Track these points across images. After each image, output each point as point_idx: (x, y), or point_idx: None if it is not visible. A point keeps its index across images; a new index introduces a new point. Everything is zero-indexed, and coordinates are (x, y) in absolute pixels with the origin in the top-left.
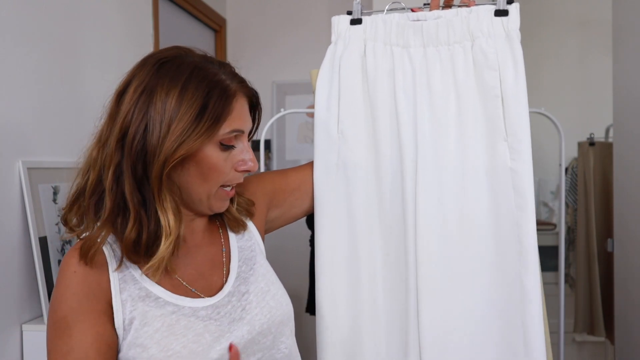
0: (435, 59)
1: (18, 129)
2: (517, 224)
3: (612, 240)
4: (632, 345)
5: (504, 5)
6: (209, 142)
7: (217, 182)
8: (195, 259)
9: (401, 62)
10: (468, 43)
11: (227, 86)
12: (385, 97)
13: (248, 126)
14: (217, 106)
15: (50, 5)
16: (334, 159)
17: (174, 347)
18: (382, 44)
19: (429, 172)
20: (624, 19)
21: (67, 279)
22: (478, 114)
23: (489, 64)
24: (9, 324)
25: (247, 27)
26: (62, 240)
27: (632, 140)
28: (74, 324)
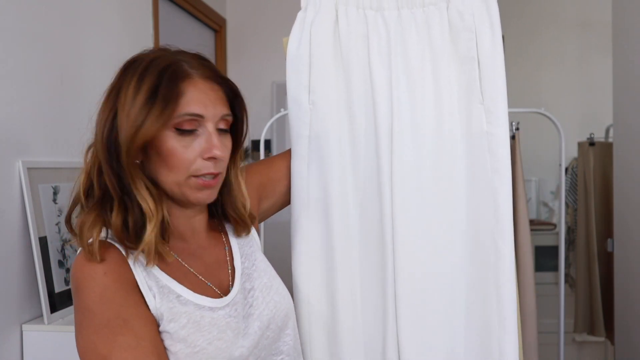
0: (410, 22)
1: (18, 129)
2: (492, 188)
3: (612, 240)
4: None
5: None
6: (165, 128)
7: (182, 171)
8: (203, 259)
9: (375, 26)
10: (443, 4)
11: (181, 70)
12: (359, 63)
13: (212, 112)
14: (167, 89)
15: (50, 5)
16: (306, 132)
17: (200, 343)
18: (355, 8)
19: (406, 137)
20: (624, 20)
21: (101, 283)
22: (453, 77)
23: (465, 26)
24: (9, 324)
25: (247, 27)
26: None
27: (632, 140)
28: (131, 317)
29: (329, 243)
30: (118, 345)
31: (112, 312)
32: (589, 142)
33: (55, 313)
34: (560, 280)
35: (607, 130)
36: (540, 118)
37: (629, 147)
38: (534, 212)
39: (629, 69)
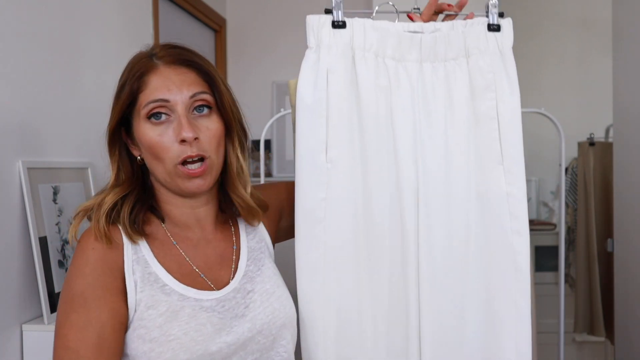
0: (432, 77)
1: (18, 129)
2: (513, 250)
3: (612, 240)
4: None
5: (496, 20)
6: (139, 120)
7: (167, 159)
8: (204, 251)
9: (396, 78)
10: (463, 60)
11: (146, 63)
12: (380, 117)
13: (179, 96)
14: (132, 82)
15: (50, 5)
16: (323, 194)
17: (175, 332)
18: (374, 55)
19: (430, 198)
20: (624, 19)
21: (85, 255)
22: (473, 136)
23: (486, 84)
24: (9, 324)
25: (247, 27)
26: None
27: (632, 140)
28: (92, 299)
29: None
30: (69, 321)
31: (79, 288)
32: (589, 142)
33: (55, 313)
34: (560, 280)
35: (607, 130)
36: (540, 118)
37: (629, 147)
38: (534, 212)
39: (629, 68)
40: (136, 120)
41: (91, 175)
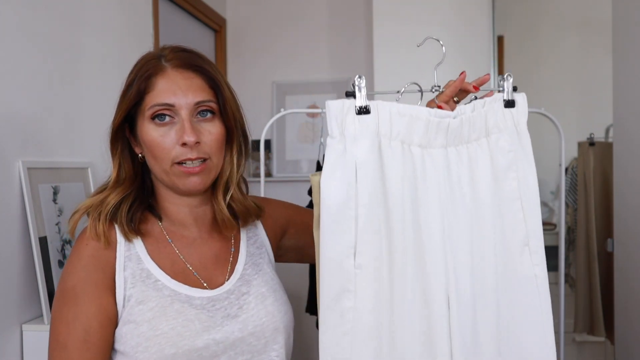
0: (457, 163)
1: (18, 129)
2: (543, 331)
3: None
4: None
5: (511, 95)
6: (143, 120)
7: (164, 158)
8: (200, 250)
9: (423, 168)
10: (484, 140)
11: (155, 64)
12: (407, 214)
13: (184, 100)
14: (139, 82)
15: (50, 5)
16: (350, 303)
17: (162, 327)
18: (400, 143)
19: (460, 295)
20: (624, 19)
21: (79, 252)
22: (499, 220)
23: (507, 164)
24: (9, 324)
25: (247, 27)
26: (62, 241)
27: (632, 140)
28: (81, 293)
29: None
30: (61, 315)
31: (71, 283)
32: (589, 142)
33: None
34: (560, 280)
35: (607, 130)
36: (540, 118)
37: (629, 147)
38: None
39: (629, 68)
40: (140, 119)
41: (91, 175)
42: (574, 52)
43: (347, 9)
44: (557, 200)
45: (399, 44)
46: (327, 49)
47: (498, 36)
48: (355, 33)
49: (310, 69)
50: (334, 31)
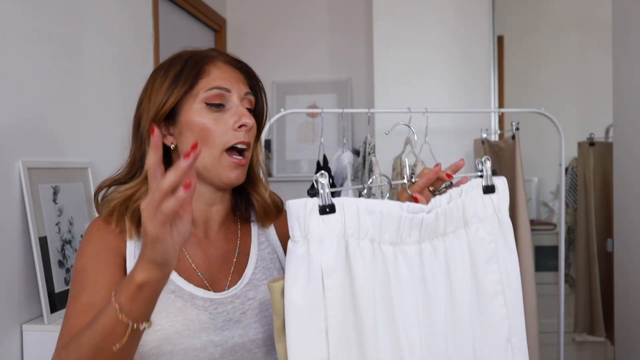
0: (431, 259)
1: (18, 129)
2: None
3: (612, 240)
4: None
5: (491, 180)
6: (194, 103)
7: (216, 144)
8: (207, 250)
9: (395, 267)
10: (462, 231)
11: (204, 55)
12: (380, 320)
13: (236, 88)
14: (191, 69)
15: (50, 5)
16: None
17: (162, 323)
18: (369, 242)
19: None
20: (624, 19)
21: (90, 236)
22: (479, 318)
23: (488, 256)
24: (9, 324)
25: (247, 27)
26: (62, 241)
27: (632, 140)
28: (90, 269)
29: None
30: (71, 293)
31: (80, 264)
32: (589, 142)
33: (55, 313)
34: (560, 280)
35: (607, 130)
36: (540, 118)
37: (629, 147)
38: (534, 212)
39: (629, 68)
40: (189, 104)
41: (91, 175)
42: (574, 52)
43: (347, 9)
44: (557, 200)
45: (399, 44)
46: (327, 49)
47: (498, 36)
48: (355, 33)
49: (310, 69)
50: (333, 31)
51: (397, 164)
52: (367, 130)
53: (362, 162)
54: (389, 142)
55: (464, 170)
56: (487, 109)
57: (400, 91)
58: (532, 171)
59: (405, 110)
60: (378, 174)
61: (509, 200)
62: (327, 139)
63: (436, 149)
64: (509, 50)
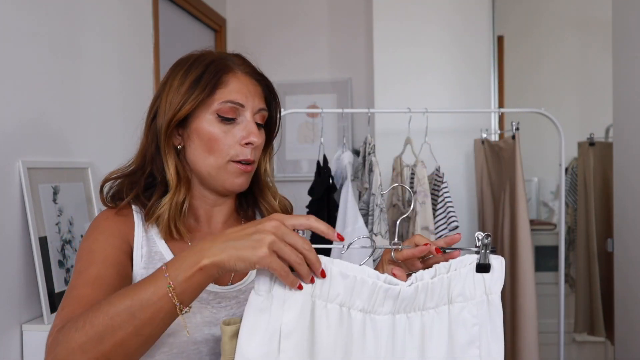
0: (404, 331)
1: (18, 129)
2: None
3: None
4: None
5: (487, 259)
6: (206, 112)
7: (222, 155)
8: None
9: (362, 333)
10: (444, 308)
11: (225, 63)
12: None
13: (251, 104)
14: (210, 76)
15: (50, 5)
16: None
17: None
18: (338, 306)
19: None
20: (624, 19)
21: (98, 222)
22: None
23: (470, 339)
24: (9, 324)
25: (247, 27)
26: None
27: (632, 140)
28: (98, 249)
29: None
30: (76, 270)
31: (87, 244)
32: (589, 142)
33: (55, 313)
34: (560, 280)
35: (607, 130)
36: (540, 118)
37: (629, 147)
38: (534, 212)
39: (629, 68)
40: (202, 112)
41: (91, 175)
42: (574, 52)
43: (347, 9)
44: (557, 200)
45: (399, 44)
46: (327, 48)
47: (498, 36)
48: (355, 33)
49: (310, 69)
50: (333, 31)
51: (397, 164)
52: (367, 130)
53: (362, 162)
54: (389, 142)
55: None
56: (487, 109)
57: (400, 91)
58: (532, 171)
59: (405, 110)
60: (378, 174)
61: (511, 201)
62: (327, 139)
63: (436, 149)
64: (509, 50)
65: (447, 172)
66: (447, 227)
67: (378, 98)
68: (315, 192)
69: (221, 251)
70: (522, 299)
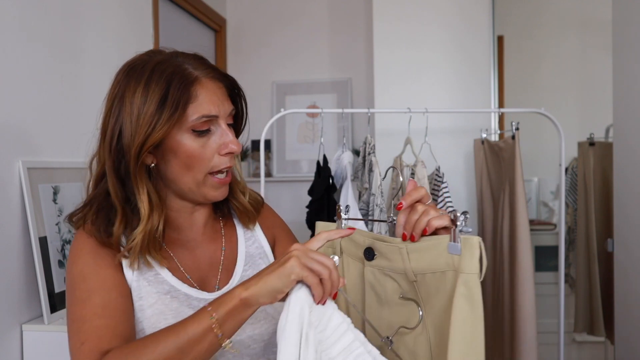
0: None
1: (18, 129)
2: None
3: (612, 240)
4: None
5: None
6: (180, 130)
7: (202, 169)
8: (194, 252)
9: None
10: None
11: (188, 74)
12: None
13: (223, 110)
14: (177, 93)
15: (50, 5)
16: None
17: (161, 325)
18: None
19: None
20: (624, 19)
21: (81, 244)
22: None
23: None
24: (9, 324)
25: (247, 27)
26: (62, 241)
27: (632, 140)
28: (90, 274)
29: None
30: (74, 299)
31: (77, 270)
32: (589, 142)
33: (55, 313)
34: (560, 280)
35: (607, 130)
36: (540, 118)
37: (629, 147)
38: (534, 212)
39: (629, 68)
40: (175, 129)
41: None
42: (574, 52)
43: (347, 9)
44: (557, 200)
45: (399, 44)
46: (327, 48)
47: (498, 36)
48: (355, 33)
49: (310, 69)
50: (333, 31)
51: (397, 164)
52: (367, 130)
53: (362, 162)
54: (389, 142)
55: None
56: (487, 109)
57: (400, 91)
58: (532, 171)
59: (405, 110)
60: (378, 174)
61: (511, 201)
62: (327, 139)
63: (436, 149)
64: (509, 50)
65: (447, 172)
66: None
67: (378, 98)
68: (315, 192)
69: (257, 281)
70: (521, 299)
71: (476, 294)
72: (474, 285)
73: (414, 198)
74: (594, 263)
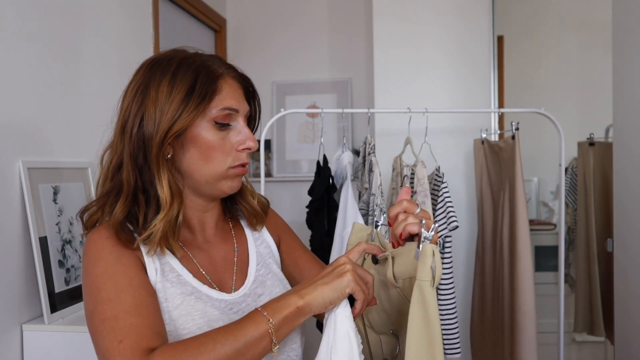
0: None
1: (18, 129)
2: None
3: (612, 240)
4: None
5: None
6: (203, 120)
7: (221, 162)
8: (209, 253)
9: None
10: None
11: (213, 69)
12: None
13: (242, 107)
14: (204, 85)
15: (50, 5)
16: None
17: (189, 326)
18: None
19: None
20: (624, 19)
21: (100, 244)
22: None
23: None
24: (9, 324)
25: (247, 27)
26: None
27: (632, 140)
28: (117, 273)
29: None
30: (100, 299)
31: (100, 270)
32: (589, 142)
33: (55, 313)
34: (560, 280)
35: (607, 130)
36: (540, 118)
37: (629, 147)
38: (534, 212)
39: (629, 68)
40: (198, 119)
41: (91, 175)
42: (574, 52)
43: (347, 9)
44: (557, 200)
45: (399, 44)
46: (327, 48)
47: (498, 36)
48: (355, 33)
49: (310, 69)
50: (333, 31)
51: (397, 164)
52: (367, 130)
53: (362, 162)
54: (389, 142)
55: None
56: (487, 109)
57: (400, 91)
58: (532, 171)
59: (405, 110)
60: (378, 174)
61: (511, 201)
62: (327, 139)
63: (436, 149)
64: (509, 50)
65: (447, 172)
66: (447, 226)
67: (378, 98)
68: (315, 192)
69: (312, 290)
70: (521, 299)
71: (430, 300)
72: (427, 291)
73: (397, 211)
74: (594, 263)
